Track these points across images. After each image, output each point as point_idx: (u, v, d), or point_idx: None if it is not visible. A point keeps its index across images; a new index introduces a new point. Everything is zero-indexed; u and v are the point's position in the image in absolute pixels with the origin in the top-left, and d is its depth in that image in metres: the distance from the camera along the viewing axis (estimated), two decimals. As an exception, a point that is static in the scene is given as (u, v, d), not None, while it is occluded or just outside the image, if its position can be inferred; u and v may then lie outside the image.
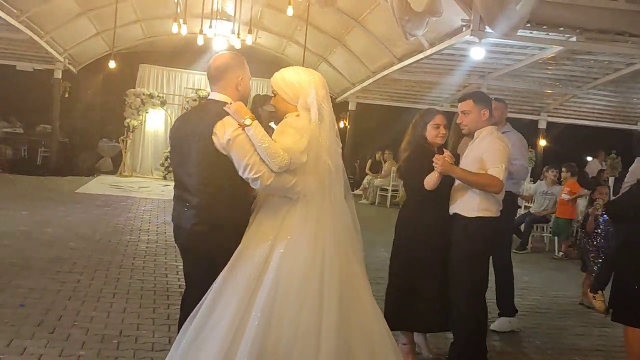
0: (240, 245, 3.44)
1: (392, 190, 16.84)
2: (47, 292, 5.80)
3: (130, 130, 17.80)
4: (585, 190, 10.45)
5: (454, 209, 4.52)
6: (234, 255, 3.40)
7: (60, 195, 12.66)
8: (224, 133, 3.33)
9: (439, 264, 4.55)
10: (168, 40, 17.88)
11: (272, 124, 4.30)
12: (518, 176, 5.74)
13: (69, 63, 17.08)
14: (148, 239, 8.80)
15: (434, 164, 4.29)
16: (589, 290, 7.03)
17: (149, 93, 17.84)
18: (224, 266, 3.38)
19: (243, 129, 3.33)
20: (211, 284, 3.37)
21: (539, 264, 9.74)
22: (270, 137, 3.41)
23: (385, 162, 17.57)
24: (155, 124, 18.62)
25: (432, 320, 4.62)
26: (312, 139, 3.43)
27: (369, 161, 18.11)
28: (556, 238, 10.83)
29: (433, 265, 4.57)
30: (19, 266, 6.63)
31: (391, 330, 3.68)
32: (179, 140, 3.62)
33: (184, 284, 6.31)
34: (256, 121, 3.38)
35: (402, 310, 4.59)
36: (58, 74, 16.72)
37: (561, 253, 10.68)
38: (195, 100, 17.81)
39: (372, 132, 19.06)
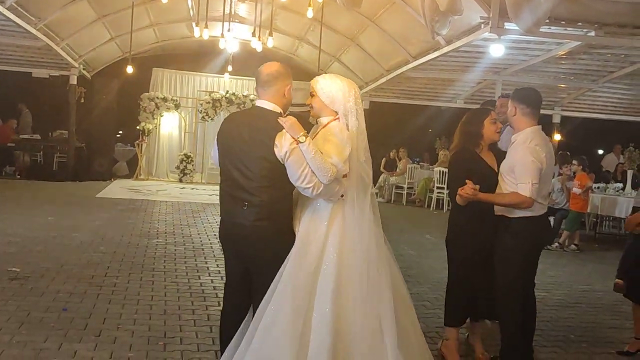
0: (295, 246, 3.68)
1: (408, 188, 16.92)
2: (87, 296, 5.89)
3: (146, 134, 17.92)
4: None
5: (498, 211, 4.54)
6: (292, 255, 3.64)
7: (82, 200, 12.78)
8: (282, 145, 3.58)
9: (484, 261, 4.61)
10: (181, 44, 18.05)
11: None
12: None
13: (83, 69, 17.24)
14: (175, 242, 8.89)
15: (457, 199, 4.45)
16: None
17: (162, 97, 17.96)
18: (285, 255, 3.65)
19: (297, 144, 3.56)
20: (275, 274, 3.61)
21: (563, 258, 9.78)
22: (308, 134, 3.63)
23: (400, 160, 17.62)
24: (169, 127, 18.74)
25: (483, 309, 4.77)
26: (352, 147, 3.70)
27: (384, 159, 18.16)
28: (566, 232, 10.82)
29: (477, 264, 4.66)
30: (55, 271, 6.72)
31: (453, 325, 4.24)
32: (232, 142, 3.80)
33: (218, 285, 6.50)
34: (309, 138, 3.61)
35: (462, 305, 4.76)
36: (73, 80, 16.86)
37: (573, 246, 10.70)
38: (209, 102, 17.93)
39: (386, 131, 19.11)
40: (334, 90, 3.80)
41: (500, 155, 4.70)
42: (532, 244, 4.54)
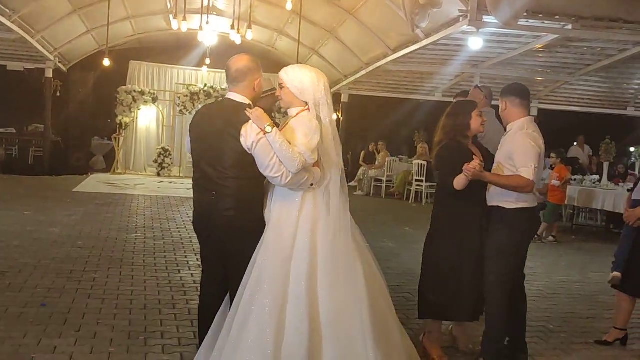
0: (267, 233, 3.72)
1: (387, 181, 16.96)
2: (66, 291, 5.83)
3: (123, 128, 17.77)
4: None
5: (492, 201, 4.54)
6: (263, 243, 3.70)
7: (59, 194, 12.64)
8: (249, 136, 3.64)
9: (470, 255, 4.58)
10: (158, 36, 17.88)
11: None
12: None
13: (59, 62, 17.02)
14: (154, 236, 8.83)
15: (464, 172, 4.30)
16: None
17: (140, 90, 17.81)
18: (256, 243, 3.71)
19: (265, 134, 3.60)
20: (248, 262, 3.68)
21: (541, 250, 9.87)
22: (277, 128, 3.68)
23: (379, 153, 17.65)
24: (147, 120, 18.59)
25: (464, 310, 4.66)
26: (323, 136, 3.71)
27: (363, 152, 18.18)
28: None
29: (464, 257, 4.60)
30: (32, 266, 6.64)
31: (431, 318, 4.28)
32: (202, 134, 3.90)
33: (198, 279, 6.46)
34: (276, 128, 3.64)
35: (438, 300, 4.65)
36: (49, 73, 16.67)
37: (551, 237, 10.82)
38: (187, 96, 17.82)
39: (365, 124, 19.14)
40: (303, 81, 3.78)
41: (483, 149, 4.73)
42: (527, 235, 4.59)
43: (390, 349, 3.64)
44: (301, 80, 3.77)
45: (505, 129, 4.66)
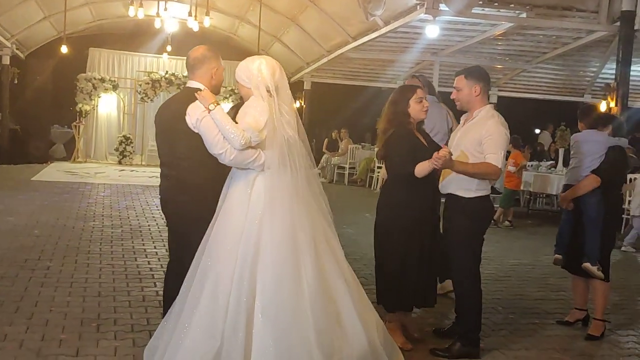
0: (217, 217, 3.75)
1: (350, 168, 17.08)
2: (19, 279, 5.79)
3: (83, 116, 17.57)
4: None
5: (448, 189, 4.54)
6: (213, 227, 3.72)
7: (17, 183, 12.52)
8: (193, 114, 3.76)
9: (422, 244, 4.61)
10: (118, 23, 17.70)
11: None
12: None
13: (16, 49, 16.74)
14: (112, 224, 8.80)
15: (432, 161, 4.21)
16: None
17: (100, 77, 17.63)
18: (207, 226, 3.74)
19: (209, 112, 3.70)
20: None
21: (496, 234, 10.07)
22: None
23: (341, 140, 17.75)
24: (107, 108, 18.44)
25: (414, 298, 4.69)
26: (270, 116, 3.71)
27: (326, 140, 18.25)
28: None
29: (416, 246, 4.60)
30: (-15, 255, 6.59)
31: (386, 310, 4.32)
32: (161, 122, 4.09)
33: (155, 267, 6.51)
34: (219, 106, 3.74)
35: (391, 290, 4.64)
36: (6, 60, 16.45)
37: (507, 222, 11.04)
38: (148, 83, 17.68)
39: (328, 111, 19.20)
40: (247, 70, 3.83)
41: (427, 136, 4.75)
42: (487, 222, 4.66)
43: (338, 336, 3.59)
44: (244, 71, 3.83)
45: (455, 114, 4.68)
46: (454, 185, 4.50)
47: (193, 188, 3.90)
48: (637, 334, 5.45)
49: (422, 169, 4.36)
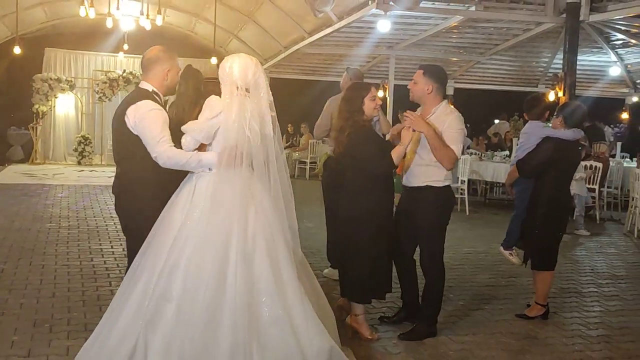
0: (163, 212, 3.81)
1: (311, 163, 17.18)
2: (-29, 283, 5.79)
3: (40, 117, 17.36)
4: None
5: (417, 182, 4.70)
6: (154, 225, 3.78)
7: (-28, 187, 12.33)
8: (133, 116, 3.84)
9: (386, 236, 4.70)
10: (73, 22, 17.43)
11: None
12: None
13: (-32, 50, 16.45)
14: (69, 225, 8.77)
15: (405, 121, 4.48)
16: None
17: (56, 77, 17.42)
18: (151, 224, 3.78)
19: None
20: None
21: (453, 223, 10.22)
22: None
23: (302, 135, 17.83)
24: (65, 108, 18.23)
25: (386, 285, 4.79)
26: (227, 117, 3.71)
27: (284, 135, 18.31)
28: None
29: (383, 239, 4.68)
30: (-62, 260, 6.55)
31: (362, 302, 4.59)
32: (112, 124, 4.14)
33: (111, 266, 6.53)
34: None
35: (364, 282, 4.67)
36: (-42, 62, 16.11)
37: None
38: (105, 82, 17.54)
39: (286, 106, 19.20)
40: (221, 68, 3.87)
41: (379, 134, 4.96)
42: (450, 211, 4.85)
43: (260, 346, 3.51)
44: (221, 69, 3.87)
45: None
46: (424, 177, 4.69)
47: (137, 184, 3.96)
48: (582, 315, 5.67)
49: (397, 155, 4.51)
